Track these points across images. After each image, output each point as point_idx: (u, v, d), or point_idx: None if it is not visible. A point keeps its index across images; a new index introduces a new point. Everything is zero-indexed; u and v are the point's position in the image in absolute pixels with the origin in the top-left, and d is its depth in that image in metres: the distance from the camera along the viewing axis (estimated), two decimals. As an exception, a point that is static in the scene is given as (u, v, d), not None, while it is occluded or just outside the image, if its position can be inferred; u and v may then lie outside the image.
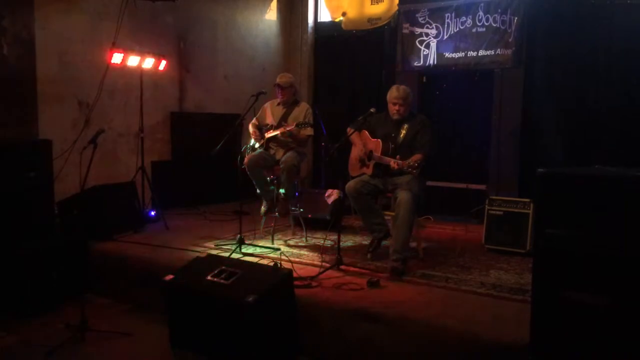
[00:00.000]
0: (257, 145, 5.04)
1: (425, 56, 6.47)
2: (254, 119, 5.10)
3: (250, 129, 5.16)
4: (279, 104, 5.11)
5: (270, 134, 4.93)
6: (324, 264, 4.14)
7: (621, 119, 5.37)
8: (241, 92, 6.19)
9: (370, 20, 6.92)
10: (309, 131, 4.87)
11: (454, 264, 4.27)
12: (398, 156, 4.20)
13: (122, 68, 5.66)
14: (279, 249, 4.62)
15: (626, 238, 2.29)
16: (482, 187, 6.22)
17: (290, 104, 5.07)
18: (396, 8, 6.67)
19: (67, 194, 4.90)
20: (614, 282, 2.31)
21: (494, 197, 4.88)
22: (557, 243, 2.43)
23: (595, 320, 2.35)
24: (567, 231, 2.41)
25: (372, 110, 4.41)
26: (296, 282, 3.57)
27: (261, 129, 5.12)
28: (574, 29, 5.56)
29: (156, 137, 6.43)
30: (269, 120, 5.10)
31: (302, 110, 5.03)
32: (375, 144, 4.41)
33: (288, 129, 4.73)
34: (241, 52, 7.42)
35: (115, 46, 5.52)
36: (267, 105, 5.12)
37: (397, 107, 4.41)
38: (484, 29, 6.04)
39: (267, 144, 5.01)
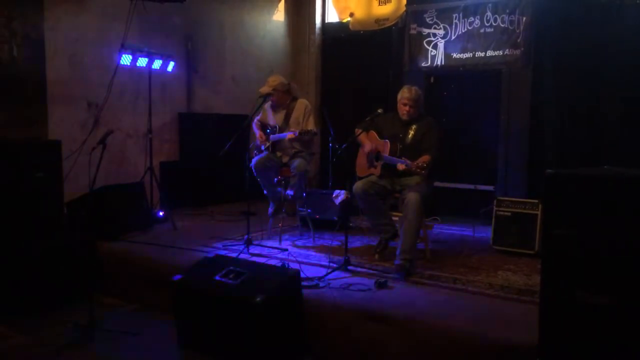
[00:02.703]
0: (263, 147, 5.05)
1: (433, 57, 6.46)
2: (256, 118, 5.10)
3: (256, 130, 5.16)
4: (276, 107, 5.11)
5: (275, 138, 4.95)
6: (331, 264, 4.14)
7: (631, 120, 5.33)
8: (249, 93, 6.21)
9: (377, 20, 6.92)
10: (310, 125, 4.88)
11: (462, 265, 4.26)
12: (403, 157, 4.19)
13: (131, 69, 5.69)
14: (286, 250, 4.62)
15: (636, 238, 2.27)
16: (490, 187, 6.20)
17: (287, 104, 5.06)
18: (404, 9, 6.66)
19: (76, 194, 4.92)
20: (624, 283, 2.30)
21: (502, 198, 4.86)
22: (566, 244, 2.42)
23: (604, 322, 2.33)
24: (576, 232, 2.40)
25: (379, 110, 4.40)
26: (304, 283, 3.57)
27: (265, 129, 5.13)
28: (583, 29, 5.53)
29: (164, 138, 6.45)
30: (271, 122, 5.11)
31: (301, 110, 5.02)
32: (383, 145, 4.41)
33: (288, 137, 4.74)
34: (248, 53, 7.44)
35: (124, 47, 5.55)
36: (267, 106, 5.11)
37: (407, 108, 4.40)
38: (492, 29, 6.02)
39: (272, 147, 5.02)
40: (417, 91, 4.42)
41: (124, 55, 5.51)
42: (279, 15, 7.90)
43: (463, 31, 6.23)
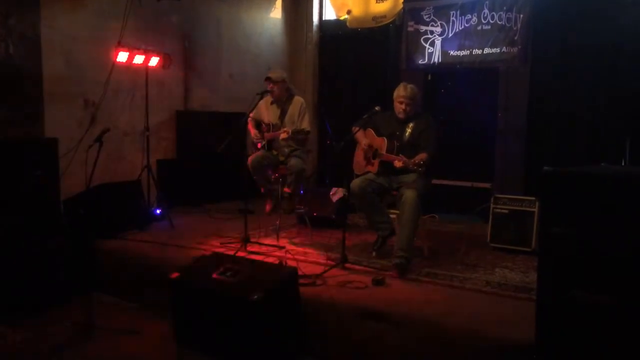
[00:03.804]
0: (259, 146, 5.05)
1: (430, 54, 6.45)
2: (251, 116, 5.08)
3: (250, 128, 5.16)
4: (272, 102, 5.10)
5: (269, 137, 4.96)
6: (328, 262, 4.14)
7: (628, 118, 5.34)
8: (246, 90, 6.20)
9: (375, 18, 6.91)
10: (305, 125, 4.89)
11: (459, 263, 4.27)
12: (400, 155, 4.19)
13: (128, 67, 5.67)
14: (283, 247, 4.62)
15: (632, 237, 2.28)
16: (488, 185, 6.21)
17: (284, 101, 5.06)
18: (401, 6, 6.66)
19: (73, 192, 4.91)
20: (620, 281, 2.30)
21: (499, 196, 4.86)
22: (563, 241, 2.42)
23: (602, 320, 2.34)
24: (573, 230, 2.40)
25: (376, 108, 4.38)
26: (301, 281, 3.58)
27: (260, 125, 5.12)
28: (581, 27, 5.54)
29: (161, 136, 6.44)
30: (266, 119, 5.10)
31: (297, 108, 5.02)
32: (381, 142, 4.41)
33: (282, 137, 4.74)
34: (246, 51, 7.42)
35: (121, 45, 5.53)
36: (262, 103, 5.09)
37: (403, 106, 4.40)
38: (489, 27, 6.02)
39: (268, 145, 5.02)
40: (413, 89, 4.42)
41: (120, 53, 5.50)
42: (277, 12, 7.89)
43: (460, 28, 6.23)
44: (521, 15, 5.80)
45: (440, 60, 6.39)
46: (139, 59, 5.62)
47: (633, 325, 2.26)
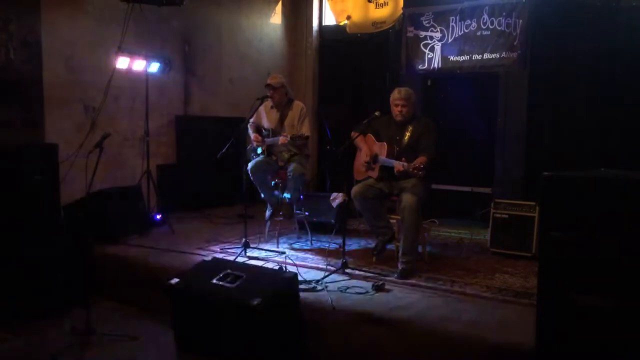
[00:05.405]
0: (259, 150, 5.05)
1: (430, 59, 6.46)
2: (251, 121, 5.09)
3: (251, 132, 5.16)
4: (272, 107, 5.11)
5: (269, 142, 4.96)
6: (328, 267, 4.14)
7: (627, 121, 5.35)
8: (246, 95, 6.21)
9: (374, 23, 6.91)
10: (305, 130, 4.90)
11: (460, 268, 4.26)
12: (403, 158, 4.20)
13: (128, 72, 5.68)
14: (284, 253, 4.61)
15: (632, 241, 2.28)
16: (488, 190, 6.21)
17: (283, 106, 5.07)
18: (400, 11, 6.66)
19: (73, 197, 4.91)
20: (620, 285, 2.30)
21: (499, 200, 4.86)
22: (563, 246, 2.42)
23: (602, 324, 2.34)
24: (573, 234, 2.40)
25: (376, 113, 4.39)
26: (301, 286, 3.58)
27: (261, 131, 5.13)
28: (579, 32, 5.55)
29: (161, 141, 6.44)
30: (266, 124, 5.11)
31: (297, 112, 5.02)
32: (380, 147, 4.41)
33: (281, 142, 4.75)
34: (246, 56, 7.44)
35: (121, 50, 5.54)
36: (262, 108, 5.10)
37: (399, 109, 4.40)
38: (489, 32, 6.03)
39: (267, 150, 5.02)
40: (407, 91, 4.42)
41: (120, 59, 5.51)
42: (276, 18, 7.91)
43: (460, 34, 6.24)
44: (520, 21, 5.81)
45: (440, 66, 6.40)
46: (139, 64, 5.63)
47: (633, 329, 2.26)
